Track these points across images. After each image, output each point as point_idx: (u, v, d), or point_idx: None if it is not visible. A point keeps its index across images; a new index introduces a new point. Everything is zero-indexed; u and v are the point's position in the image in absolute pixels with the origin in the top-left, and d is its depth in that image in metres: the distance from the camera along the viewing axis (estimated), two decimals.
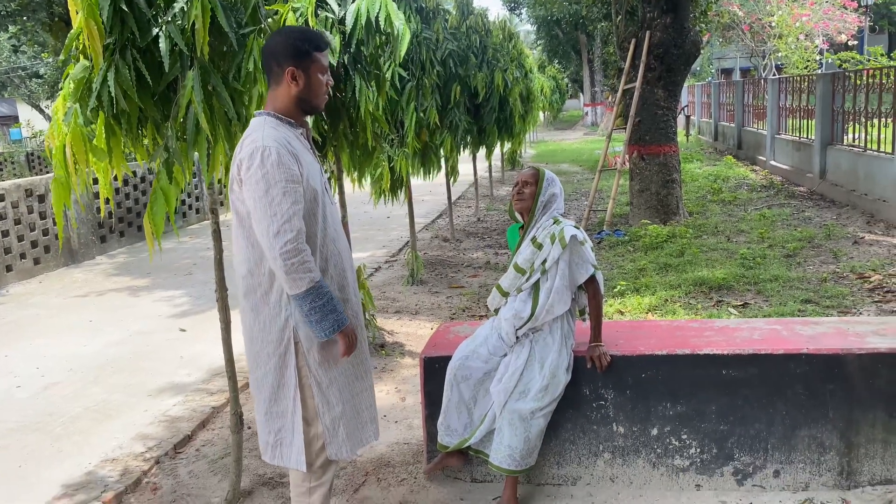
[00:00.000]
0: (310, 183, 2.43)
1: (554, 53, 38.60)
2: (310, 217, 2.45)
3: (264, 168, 2.31)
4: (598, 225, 9.66)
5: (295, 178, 2.35)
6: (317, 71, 2.48)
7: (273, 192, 2.31)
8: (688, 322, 3.57)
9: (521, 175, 3.18)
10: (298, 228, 2.32)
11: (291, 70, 2.43)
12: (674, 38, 9.24)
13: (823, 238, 7.86)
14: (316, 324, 2.38)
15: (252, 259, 2.46)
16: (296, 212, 2.33)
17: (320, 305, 2.36)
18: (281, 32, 2.53)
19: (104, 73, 2.65)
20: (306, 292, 2.33)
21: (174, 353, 5.37)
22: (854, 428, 3.05)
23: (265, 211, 2.31)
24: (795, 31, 22.18)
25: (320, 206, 2.49)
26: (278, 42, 2.47)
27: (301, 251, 2.32)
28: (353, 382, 2.63)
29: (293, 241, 2.30)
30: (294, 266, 2.30)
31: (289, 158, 2.35)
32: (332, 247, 2.56)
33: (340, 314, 2.41)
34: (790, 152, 12.86)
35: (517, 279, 3.12)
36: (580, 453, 3.23)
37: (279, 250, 2.30)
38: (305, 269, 2.32)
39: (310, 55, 2.46)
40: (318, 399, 2.53)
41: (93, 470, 3.63)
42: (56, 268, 8.66)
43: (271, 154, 2.32)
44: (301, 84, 2.45)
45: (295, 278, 2.32)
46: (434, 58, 6.90)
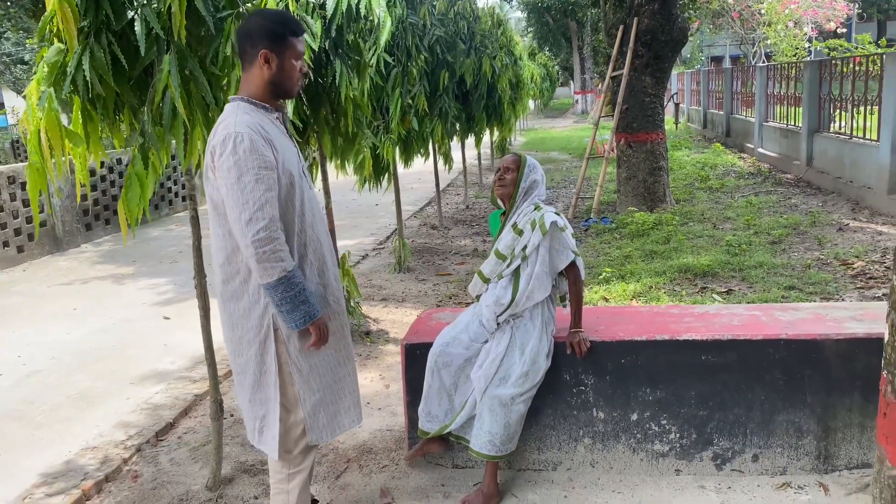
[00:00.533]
0: (286, 168, 2.41)
1: (544, 41, 38.47)
2: (287, 203, 2.43)
3: (236, 155, 2.29)
4: (585, 212, 9.67)
5: (268, 165, 2.32)
6: (291, 56, 2.45)
7: (245, 179, 2.29)
8: (668, 308, 3.58)
9: (503, 161, 3.18)
10: (271, 216, 2.30)
11: (265, 53, 2.39)
12: (661, 24, 9.22)
13: (809, 225, 7.89)
14: (287, 314, 2.37)
15: (229, 247, 2.45)
16: (269, 199, 2.31)
17: (291, 296, 2.34)
18: (258, 14, 2.49)
19: (79, 56, 2.62)
20: (277, 281, 2.32)
21: (158, 341, 5.35)
22: (831, 412, 3.07)
23: (237, 198, 2.29)
24: (784, 19, 22.21)
25: (297, 191, 2.47)
26: (254, 23, 2.43)
27: (273, 239, 2.30)
28: (334, 368, 2.62)
29: (265, 228, 2.28)
30: (266, 254, 2.29)
31: (262, 144, 2.32)
32: (311, 232, 2.54)
33: (312, 306, 2.40)
34: (778, 139, 12.90)
35: (498, 265, 3.12)
36: (560, 439, 3.24)
37: (251, 238, 2.28)
38: (277, 259, 2.30)
39: (285, 39, 2.42)
40: (300, 385, 2.52)
41: (73, 458, 3.61)
42: (40, 256, 8.60)
43: (244, 140, 2.30)
44: (274, 67, 2.42)
45: (266, 267, 2.30)
46: (421, 44, 6.86)
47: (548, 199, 11.28)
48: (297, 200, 2.46)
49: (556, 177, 13.96)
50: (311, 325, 2.41)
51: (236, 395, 2.62)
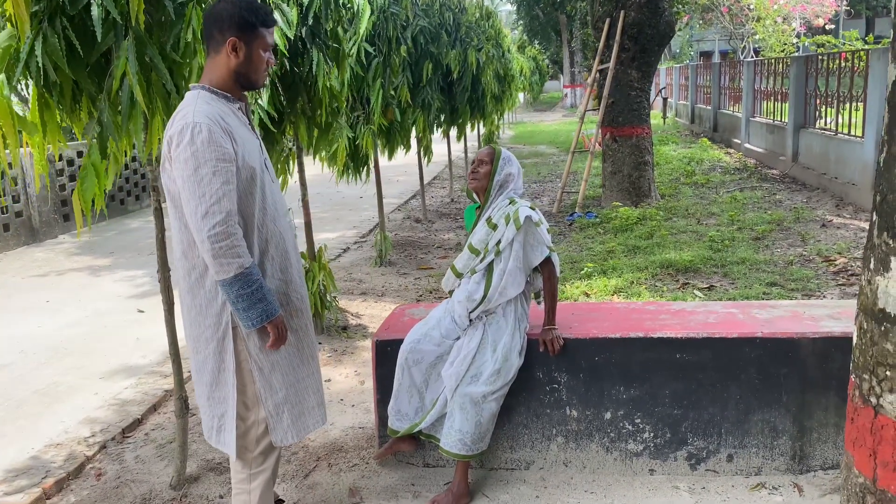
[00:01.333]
0: (246, 161, 2.32)
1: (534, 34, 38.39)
2: (247, 196, 2.34)
3: (194, 146, 2.20)
4: (570, 206, 9.61)
5: (226, 157, 2.23)
6: (259, 46, 2.35)
7: (202, 172, 2.20)
8: (644, 305, 3.53)
9: (478, 154, 3.10)
10: (228, 210, 2.21)
11: (233, 41, 2.30)
12: (648, 18, 9.16)
13: (792, 221, 7.87)
14: (243, 312, 2.28)
15: (186, 240, 2.36)
16: (226, 192, 2.22)
17: (248, 293, 2.25)
18: (228, 0, 2.38)
19: (31, 42, 2.52)
20: (234, 278, 2.23)
21: (130, 335, 5.25)
22: (807, 412, 3.02)
23: (193, 191, 2.20)
24: (773, 15, 22.23)
25: (258, 184, 2.38)
26: (224, 9, 2.32)
27: (230, 234, 2.21)
28: (297, 367, 2.54)
29: (222, 223, 2.20)
30: (222, 250, 2.20)
31: (220, 136, 2.23)
32: (273, 227, 2.46)
33: (270, 304, 2.31)
34: (764, 135, 12.88)
35: (471, 260, 3.05)
36: (533, 437, 3.18)
37: (207, 232, 2.19)
38: (234, 254, 2.21)
39: (255, 28, 2.33)
40: (260, 384, 2.44)
41: (36, 455, 3.52)
42: (16, 246, 8.46)
43: (202, 131, 2.20)
44: (241, 57, 2.33)
45: (222, 262, 2.21)
46: (403, 35, 6.77)
47: (533, 193, 11.26)
48: (257, 194, 2.38)
49: (542, 170, 13.90)
50: (268, 324, 2.33)
51: (195, 392, 2.54)
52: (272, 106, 4.24)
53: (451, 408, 2.98)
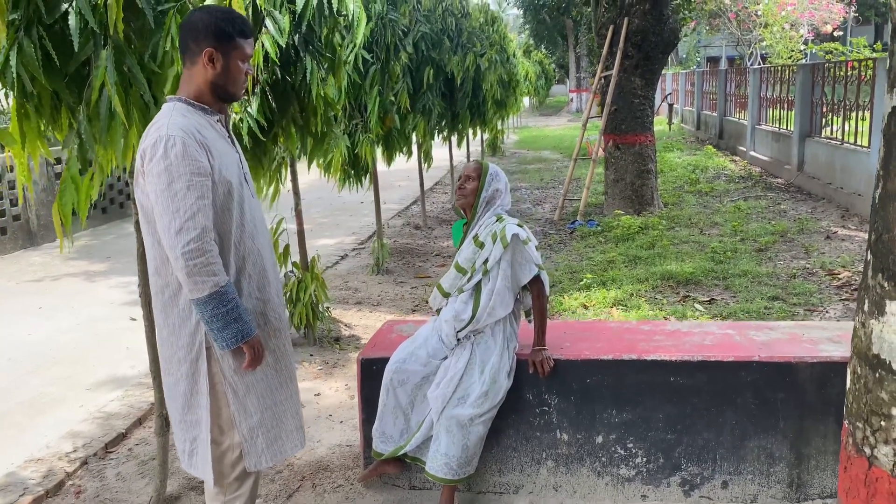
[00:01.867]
0: (223, 175, 2.24)
1: (540, 38, 38.29)
2: (224, 212, 2.26)
3: (167, 159, 2.12)
4: (572, 214, 9.52)
5: (202, 171, 2.15)
6: (237, 57, 2.27)
7: (176, 186, 2.11)
8: (639, 324, 3.43)
9: (465, 168, 3.02)
10: (203, 226, 2.13)
11: (210, 51, 2.22)
12: (652, 25, 9.07)
13: (796, 232, 7.75)
14: (217, 332, 2.19)
15: (159, 257, 2.28)
16: (201, 207, 2.13)
17: (223, 313, 2.17)
18: (204, 10, 2.31)
19: (6, 52, 2.45)
20: (208, 297, 2.14)
21: (121, 344, 5.17)
22: (805, 439, 2.92)
23: (167, 206, 2.12)
24: (781, 21, 22.08)
25: (235, 199, 2.30)
26: (200, 19, 2.25)
27: (205, 252, 2.13)
28: (275, 390, 2.45)
29: (196, 239, 2.11)
30: (196, 268, 2.11)
31: (196, 149, 2.15)
32: (251, 243, 2.37)
33: (246, 324, 2.23)
34: (770, 143, 12.76)
35: (458, 279, 2.96)
36: (522, 461, 3.09)
37: (180, 249, 2.11)
38: (209, 272, 2.13)
39: (232, 39, 2.25)
40: (235, 407, 2.35)
41: (15, 471, 3.44)
42: (13, 250, 8.41)
43: (175, 144, 2.12)
44: (218, 68, 2.24)
45: (196, 281, 2.13)
46: (402, 41, 6.69)
47: (535, 200, 11.17)
48: (234, 209, 2.30)
49: (545, 176, 13.81)
50: (244, 345, 2.25)
51: (168, 414, 2.45)
52: (261, 114, 4.16)
53: (437, 430, 2.89)
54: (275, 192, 4.38)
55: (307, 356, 4.84)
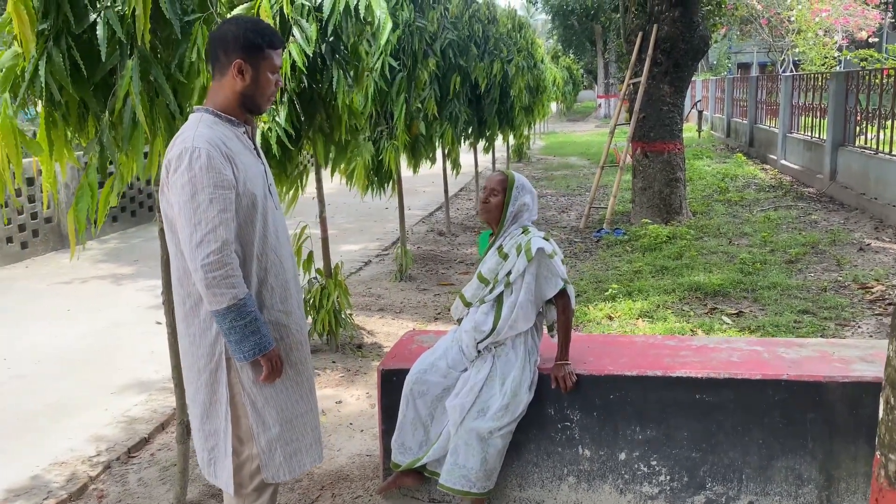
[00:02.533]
0: (247, 187, 2.24)
1: (569, 44, 38.11)
2: (247, 224, 2.27)
3: (191, 171, 2.13)
4: (598, 222, 9.44)
5: (225, 184, 2.16)
6: (267, 69, 2.27)
7: (199, 198, 2.13)
8: (664, 339, 3.37)
9: (488, 181, 2.97)
10: (224, 239, 2.14)
11: (239, 63, 2.22)
12: (682, 32, 8.97)
13: (828, 244, 7.60)
14: (235, 344, 2.20)
15: (181, 268, 2.29)
16: (223, 220, 2.14)
17: (241, 325, 2.17)
18: (234, 21, 2.30)
19: (35, 61, 2.48)
20: (227, 309, 2.15)
21: (146, 348, 5.22)
22: (835, 460, 2.84)
23: (189, 218, 2.13)
24: (814, 27, 21.75)
25: (259, 212, 2.30)
26: (229, 31, 2.25)
27: (225, 264, 2.13)
28: (295, 402, 2.43)
29: (217, 252, 2.12)
30: (215, 280, 2.12)
31: (220, 161, 2.16)
32: (273, 256, 2.37)
33: (264, 337, 2.23)
34: (801, 152, 12.55)
35: (480, 289, 2.93)
36: (543, 476, 3.05)
37: (200, 261, 2.12)
38: (228, 285, 2.14)
39: (262, 50, 2.25)
40: (253, 419, 2.34)
41: (39, 474, 3.48)
42: (44, 252, 8.54)
43: (200, 156, 2.13)
44: (248, 80, 2.25)
45: (215, 293, 2.13)
46: (430, 48, 6.69)
47: (561, 207, 11.09)
48: (258, 222, 2.30)
49: (571, 183, 13.72)
50: (261, 358, 2.24)
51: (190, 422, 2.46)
52: (289, 123, 4.18)
53: (456, 442, 2.86)
54: (293, 198, 4.38)
55: (329, 363, 4.84)
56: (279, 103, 4.21)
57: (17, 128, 2.61)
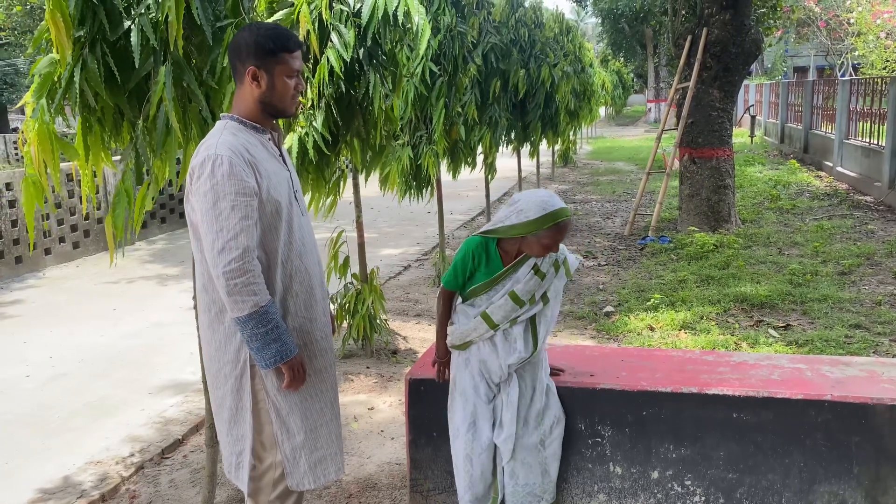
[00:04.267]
0: (270, 194, 2.24)
1: (618, 47, 37.65)
2: (270, 231, 2.27)
3: (214, 178, 2.14)
4: (643, 229, 9.26)
5: (247, 191, 2.16)
6: (282, 73, 2.26)
7: (221, 206, 2.14)
8: (702, 354, 3.25)
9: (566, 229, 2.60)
10: (245, 246, 2.14)
11: (252, 70, 2.23)
12: (732, 35, 8.74)
13: (884, 255, 7.30)
14: (256, 351, 2.20)
15: (206, 274, 2.29)
16: (244, 228, 2.15)
17: (262, 332, 2.17)
18: (248, 28, 2.31)
19: (71, 68, 2.52)
20: (248, 316, 2.15)
21: (185, 349, 5.29)
22: (882, 487, 2.69)
23: (211, 225, 2.14)
24: (875, 30, 20.98)
25: (284, 219, 2.30)
26: (243, 38, 2.26)
27: (246, 271, 2.14)
28: (320, 410, 2.43)
29: (238, 259, 2.13)
30: (237, 287, 2.13)
31: (242, 169, 2.16)
32: (299, 262, 2.37)
33: (286, 344, 2.22)
34: (858, 158, 12.12)
35: (514, 311, 2.75)
36: (573, 493, 2.97)
37: (222, 268, 2.13)
38: (250, 292, 2.14)
39: (275, 55, 2.24)
40: (277, 426, 2.34)
41: (74, 473, 3.55)
42: (95, 252, 8.77)
43: (223, 164, 2.14)
44: (263, 86, 2.25)
45: (237, 300, 2.14)
46: (471, 53, 6.65)
47: (606, 213, 10.91)
48: (282, 228, 2.30)
49: (617, 189, 13.52)
50: (283, 365, 2.23)
51: (216, 427, 2.46)
52: (326, 129, 4.18)
53: (514, 468, 2.76)
54: (332, 204, 4.39)
55: (363, 368, 4.83)
56: (317, 108, 4.22)
57: (55, 133, 2.65)
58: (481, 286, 2.73)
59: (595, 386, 2.87)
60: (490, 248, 2.74)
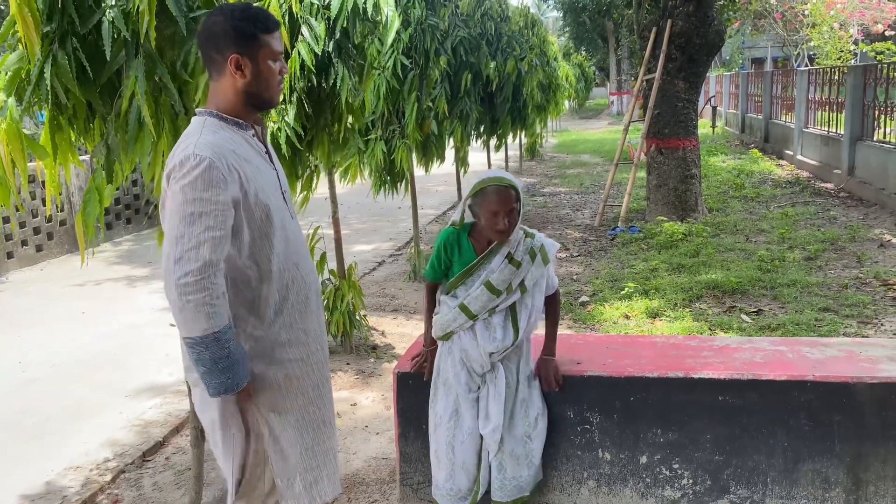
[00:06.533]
0: (259, 198, 2.05)
1: (580, 41, 37.95)
2: (262, 238, 2.08)
3: (186, 179, 1.93)
4: (612, 220, 9.35)
5: (221, 199, 1.94)
6: (266, 57, 2.05)
7: (187, 210, 1.91)
8: (685, 340, 3.30)
9: (504, 200, 2.59)
10: (206, 260, 1.91)
11: (235, 58, 2.01)
12: (696, 27, 8.86)
13: (847, 240, 7.48)
14: (202, 375, 2.00)
15: None
16: (209, 239, 1.91)
17: (211, 360, 1.95)
18: (220, 12, 2.06)
19: (41, 64, 2.44)
20: (198, 340, 1.92)
21: (160, 350, 5.20)
22: (863, 463, 2.76)
23: (172, 230, 1.93)
24: (829, 21, 21.47)
25: (276, 224, 2.11)
26: (217, 24, 2.02)
27: (204, 289, 1.89)
28: (317, 428, 2.28)
29: (196, 273, 1.89)
30: (189, 304, 1.89)
31: (224, 173, 1.95)
32: (295, 272, 2.19)
33: (236, 376, 2.01)
34: (818, 147, 12.39)
35: (490, 301, 2.75)
36: (563, 480, 2.98)
37: (175, 280, 1.89)
38: (204, 313, 1.90)
39: (257, 38, 2.02)
40: (271, 448, 2.21)
41: (54, 479, 3.46)
42: (59, 255, 8.57)
43: (199, 164, 1.93)
44: (248, 75, 2.03)
45: (187, 318, 1.90)
46: (442, 46, 6.63)
47: (575, 205, 10.99)
48: (275, 234, 2.11)
49: (585, 181, 13.63)
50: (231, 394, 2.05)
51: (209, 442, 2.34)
52: (298, 123, 4.13)
53: (501, 460, 2.76)
54: (304, 200, 4.33)
55: (343, 365, 4.80)
56: (288, 102, 4.16)
57: (23, 132, 2.57)
58: (457, 277, 2.74)
59: (582, 373, 2.89)
60: (462, 240, 2.75)
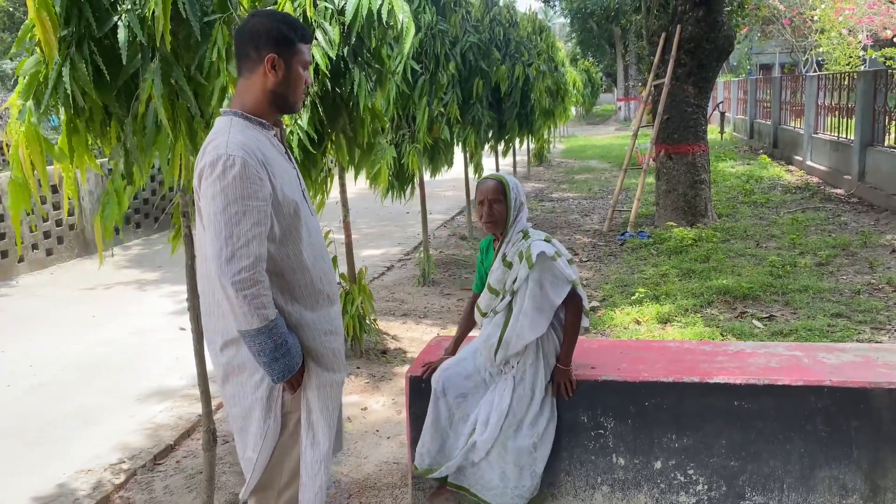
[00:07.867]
0: (286, 195, 2.12)
1: (587, 46, 37.97)
2: (291, 232, 2.14)
3: (224, 180, 1.99)
4: (622, 225, 9.33)
5: (260, 196, 2.03)
6: (298, 63, 2.17)
7: (231, 210, 1.99)
8: (699, 344, 3.28)
9: (484, 190, 2.76)
10: (256, 255, 2.01)
11: (272, 57, 2.10)
12: (706, 32, 8.85)
13: (859, 246, 7.44)
14: (265, 365, 2.09)
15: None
16: (256, 235, 2.01)
17: (272, 347, 2.06)
18: (263, 14, 2.19)
19: (59, 68, 2.45)
20: (258, 331, 2.03)
21: (170, 354, 5.20)
22: (880, 470, 2.74)
23: (219, 230, 1.99)
24: (838, 26, 21.41)
25: (303, 219, 2.18)
26: (260, 24, 2.14)
27: (257, 282, 2.00)
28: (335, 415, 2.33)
29: (249, 268, 1.99)
30: (246, 299, 1.99)
31: (257, 171, 2.03)
32: (322, 264, 2.26)
33: (294, 357, 2.13)
34: (828, 152, 12.34)
35: (492, 300, 2.82)
36: (577, 485, 2.97)
37: (231, 278, 1.98)
38: (259, 305, 2.01)
39: (294, 44, 2.15)
40: (306, 439, 2.22)
41: (66, 482, 3.46)
42: (69, 259, 8.59)
43: (235, 164, 2.00)
44: (280, 76, 2.13)
45: (246, 313, 2.01)
46: (451, 51, 6.64)
47: (583, 210, 10.98)
48: (302, 230, 2.18)
49: (593, 187, 13.61)
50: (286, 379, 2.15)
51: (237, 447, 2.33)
52: (311, 127, 4.14)
53: (503, 468, 2.78)
54: (320, 204, 4.34)
55: (354, 369, 4.79)
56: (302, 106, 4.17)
57: (42, 135, 2.58)
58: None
59: (597, 378, 2.88)
60: (489, 245, 2.96)
